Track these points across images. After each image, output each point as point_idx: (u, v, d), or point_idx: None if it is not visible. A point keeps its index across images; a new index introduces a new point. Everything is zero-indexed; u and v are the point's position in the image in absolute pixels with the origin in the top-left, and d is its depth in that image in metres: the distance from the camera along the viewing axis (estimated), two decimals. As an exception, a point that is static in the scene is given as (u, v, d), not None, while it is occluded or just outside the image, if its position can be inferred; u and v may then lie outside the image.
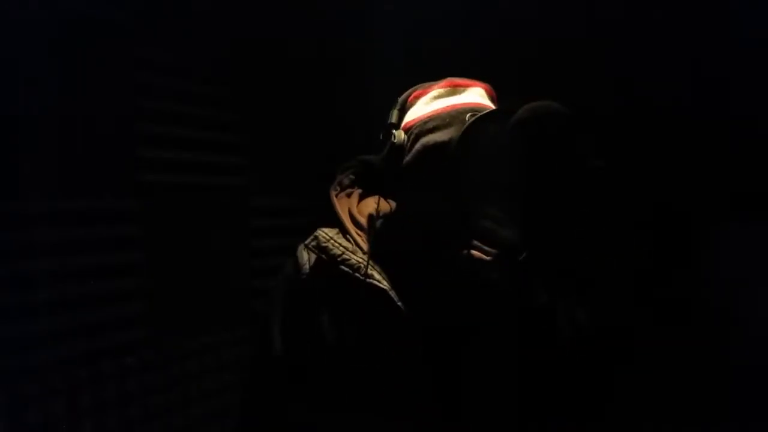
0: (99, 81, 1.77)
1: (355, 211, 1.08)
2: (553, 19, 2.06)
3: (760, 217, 1.88)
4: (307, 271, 1.03)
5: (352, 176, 1.13)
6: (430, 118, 0.98)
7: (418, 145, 0.97)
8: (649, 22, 1.99)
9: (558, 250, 0.98)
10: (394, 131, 1.00)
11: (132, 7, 1.84)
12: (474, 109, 0.96)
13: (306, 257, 1.04)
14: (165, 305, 1.95)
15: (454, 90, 1.01)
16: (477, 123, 0.91)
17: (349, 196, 1.11)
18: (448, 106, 0.99)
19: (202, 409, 2.08)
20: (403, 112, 1.03)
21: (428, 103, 1.01)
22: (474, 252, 0.93)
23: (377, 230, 1.04)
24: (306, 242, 1.04)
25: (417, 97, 1.03)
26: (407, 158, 0.98)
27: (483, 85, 1.04)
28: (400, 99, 1.05)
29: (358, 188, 1.13)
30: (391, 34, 2.25)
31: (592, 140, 0.96)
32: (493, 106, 1.01)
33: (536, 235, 0.96)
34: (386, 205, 1.08)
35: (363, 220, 1.06)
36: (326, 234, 1.03)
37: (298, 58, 2.37)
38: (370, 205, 1.09)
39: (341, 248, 1.01)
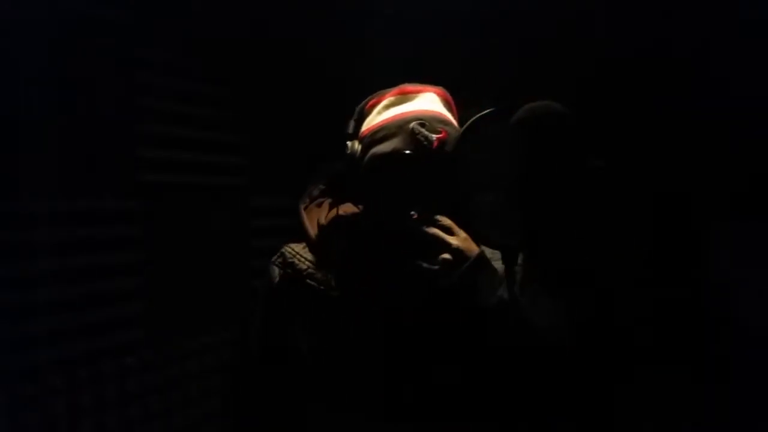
0: (99, 81, 1.77)
1: (323, 222, 1.10)
2: (553, 17, 2.06)
3: (760, 217, 1.88)
4: (276, 284, 1.08)
5: (321, 186, 1.16)
6: (380, 128, 1.01)
7: (368, 156, 1.00)
8: (650, 21, 1.99)
9: (557, 250, 0.99)
10: (348, 142, 1.03)
11: (132, 7, 1.84)
12: (419, 117, 0.98)
13: (276, 272, 1.09)
14: (165, 305, 1.95)
15: (405, 97, 1.03)
16: (476, 123, 0.92)
17: (319, 206, 1.14)
18: (396, 115, 1.01)
19: (202, 409, 2.08)
20: (360, 121, 1.06)
21: (380, 113, 1.03)
22: (423, 262, 0.95)
23: (337, 240, 1.07)
24: (273, 259, 1.10)
25: (373, 106, 1.05)
26: (361, 168, 1.01)
27: (435, 89, 1.06)
28: (357, 108, 1.08)
29: (329, 197, 1.15)
30: (392, 34, 2.25)
31: (591, 140, 0.96)
32: (444, 111, 1.03)
33: (536, 235, 0.96)
34: (352, 209, 1.11)
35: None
36: (292, 250, 1.09)
37: (297, 58, 2.37)
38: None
39: (307, 263, 1.06)
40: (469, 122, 0.93)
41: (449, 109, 1.06)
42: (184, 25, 2.01)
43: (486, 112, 0.95)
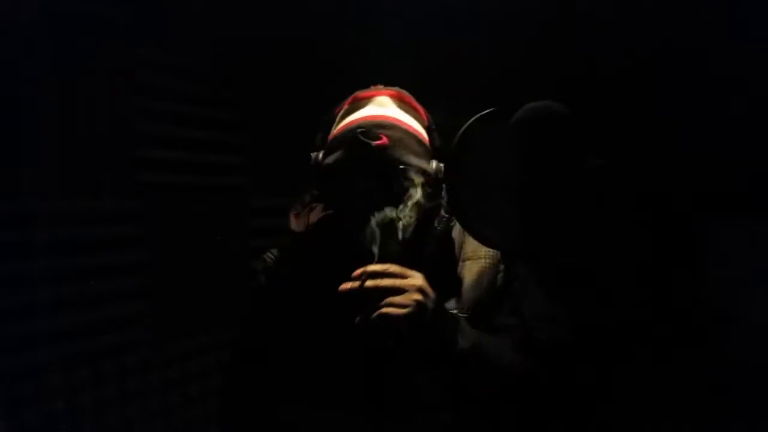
0: (99, 81, 1.77)
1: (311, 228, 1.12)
2: (553, 17, 2.06)
3: (760, 217, 1.88)
4: (260, 288, 1.12)
5: (314, 191, 1.17)
6: (333, 139, 1.03)
7: (323, 166, 1.03)
8: (650, 19, 1.99)
9: (557, 249, 0.99)
10: (312, 153, 1.06)
11: (132, 7, 1.84)
12: (361, 125, 0.99)
13: (260, 276, 1.13)
14: (165, 305, 1.95)
15: (358, 104, 1.05)
16: (475, 123, 0.92)
17: (312, 210, 1.15)
18: (345, 125, 1.03)
19: (202, 409, 2.08)
20: (328, 130, 1.08)
21: (337, 123, 1.06)
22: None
23: (316, 247, 1.09)
24: (257, 264, 1.14)
25: (336, 114, 1.08)
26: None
27: (389, 91, 1.06)
28: (325, 118, 1.10)
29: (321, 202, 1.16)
30: (393, 35, 2.25)
31: (591, 140, 0.96)
32: (395, 113, 1.02)
33: (535, 235, 0.96)
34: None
35: None
36: (273, 255, 1.13)
37: (298, 58, 2.37)
38: None
39: (285, 269, 1.09)
40: (469, 122, 0.93)
41: (407, 109, 1.05)
42: (184, 25, 2.01)
43: (486, 112, 0.95)
